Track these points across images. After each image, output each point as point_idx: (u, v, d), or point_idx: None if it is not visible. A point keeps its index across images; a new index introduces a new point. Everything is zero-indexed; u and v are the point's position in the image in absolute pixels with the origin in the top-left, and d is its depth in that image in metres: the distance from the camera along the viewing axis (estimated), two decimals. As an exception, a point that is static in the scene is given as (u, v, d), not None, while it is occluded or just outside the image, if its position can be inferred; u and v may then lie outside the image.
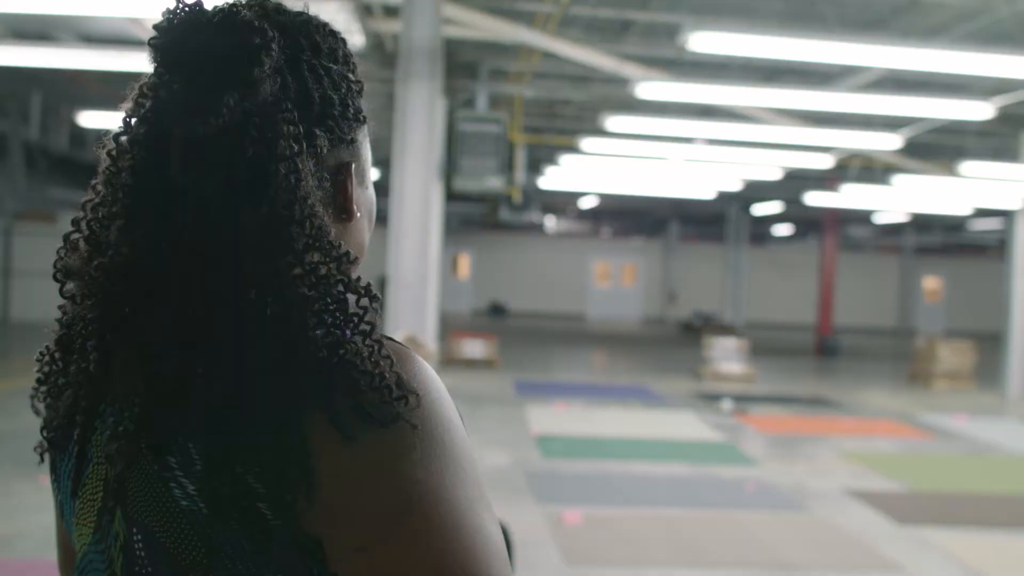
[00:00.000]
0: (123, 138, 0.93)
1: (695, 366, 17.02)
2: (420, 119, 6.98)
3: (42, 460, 1.03)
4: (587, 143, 14.13)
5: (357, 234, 1.06)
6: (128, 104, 0.95)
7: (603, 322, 32.36)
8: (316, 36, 1.00)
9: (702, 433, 10.78)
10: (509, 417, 11.13)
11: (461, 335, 17.69)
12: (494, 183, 12.81)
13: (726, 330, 24.19)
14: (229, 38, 0.89)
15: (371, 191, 1.11)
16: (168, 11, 0.90)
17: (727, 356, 16.34)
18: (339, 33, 1.05)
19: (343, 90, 1.01)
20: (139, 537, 0.91)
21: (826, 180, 19.70)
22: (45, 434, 1.01)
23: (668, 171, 16.42)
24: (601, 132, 13.78)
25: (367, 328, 0.91)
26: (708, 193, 19.97)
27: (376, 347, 0.90)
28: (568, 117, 16.89)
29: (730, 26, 6.23)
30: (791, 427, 11.48)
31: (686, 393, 14.15)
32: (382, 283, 9.66)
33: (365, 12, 9.73)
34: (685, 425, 11.25)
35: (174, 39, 0.90)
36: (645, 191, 19.90)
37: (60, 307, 1.00)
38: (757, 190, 22.66)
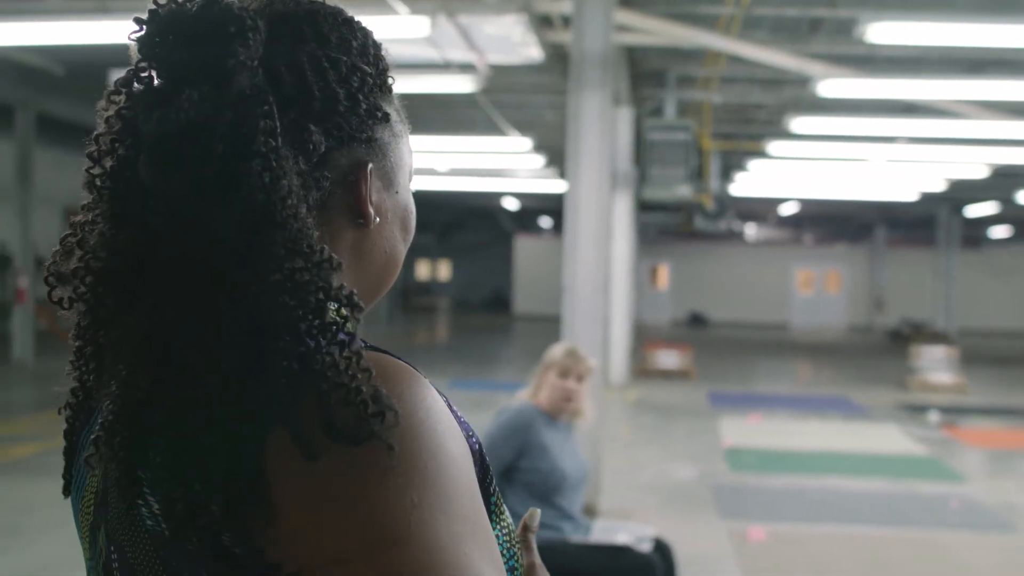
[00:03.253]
0: (102, 138, 0.87)
1: (901, 376, 16.20)
2: (594, 127, 6.88)
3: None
4: (775, 147, 13.73)
5: (382, 242, 1.00)
6: (102, 102, 0.90)
7: (806, 331, 31.38)
8: (323, 26, 0.93)
9: (905, 447, 10.24)
10: (700, 429, 10.88)
11: (655, 346, 17.48)
12: (683, 191, 12.62)
13: (937, 338, 22.96)
14: (203, 27, 0.83)
15: (403, 196, 1.03)
16: (154, 4, 0.85)
17: (936, 365, 15.51)
18: (357, 23, 0.98)
19: (353, 84, 0.93)
20: (115, 556, 0.87)
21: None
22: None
23: (869, 173, 15.79)
24: (789, 135, 13.35)
25: (345, 338, 0.82)
26: (911, 195, 19.14)
27: (354, 359, 0.81)
28: (760, 122, 16.46)
29: (915, 15, 5.89)
30: (1005, 441, 10.78)
31: (890, 404, 13.48)
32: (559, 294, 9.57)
33: (543, 24, 9.73)
34: (887, 438, 10.72)
35: (151, 31, 0.84)
36: (846, 195, 19.25)
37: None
38: (966, 190, 21.49)
